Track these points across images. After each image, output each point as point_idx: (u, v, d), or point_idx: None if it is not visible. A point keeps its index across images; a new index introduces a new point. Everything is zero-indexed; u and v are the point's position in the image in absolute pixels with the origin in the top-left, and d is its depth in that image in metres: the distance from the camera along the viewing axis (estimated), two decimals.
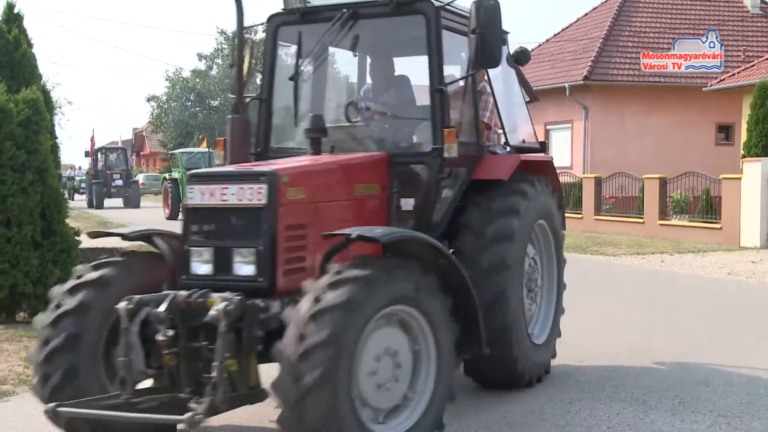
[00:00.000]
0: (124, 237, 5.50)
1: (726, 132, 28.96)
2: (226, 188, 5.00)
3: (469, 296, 5.25)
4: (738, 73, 24.46)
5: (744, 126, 21.29)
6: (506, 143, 6.90)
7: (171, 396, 4.80)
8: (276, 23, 6.49)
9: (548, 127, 30.37)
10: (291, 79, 6.50)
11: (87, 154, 45.69)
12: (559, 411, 6.06)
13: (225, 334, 4.50)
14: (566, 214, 7.24)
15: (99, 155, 42.37)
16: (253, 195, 4.92)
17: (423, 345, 4.89)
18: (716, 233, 19.75)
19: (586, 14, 33.45)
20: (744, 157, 20.14)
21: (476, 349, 5.39)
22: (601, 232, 22.68)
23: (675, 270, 15.19)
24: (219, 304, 4.54)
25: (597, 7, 33.16)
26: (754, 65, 24.47)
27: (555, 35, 33.73)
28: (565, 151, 29.51)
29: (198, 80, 61.56)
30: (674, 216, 21.76)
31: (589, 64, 28.36)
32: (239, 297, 4.60)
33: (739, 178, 19.36)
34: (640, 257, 17.11)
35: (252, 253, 4.86)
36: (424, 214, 5.92)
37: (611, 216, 23.38)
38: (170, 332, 4.69)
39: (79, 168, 60.92)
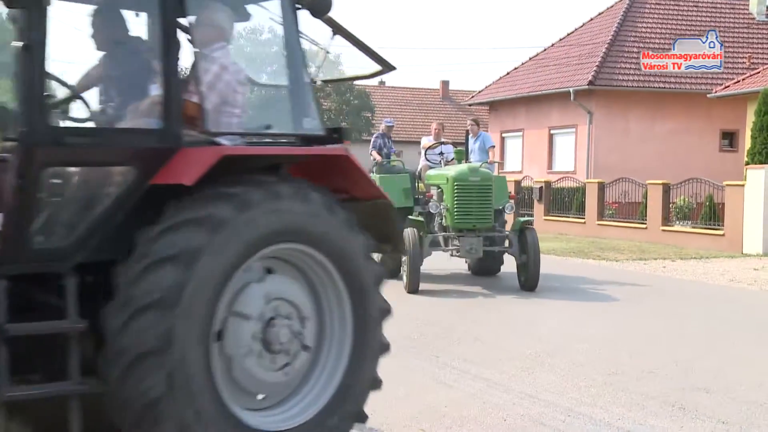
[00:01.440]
0: None
1: (730, 139, 28.98)
2: None
3: None
4: (743, 79, 24.47)
5: (748, 133, 21.31)
6: (205, 131, 4.47)
7: None
8: None
9: (552, 131, 30.45)
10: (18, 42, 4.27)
11: None
12: (559, 416, 6.07)
13: None
14: (569, 219, 6.42)
15: None
16: None
17: None
18: (719, 240, 19.75)
19: (591, 19, 33.47)
20: (747, 164, 20.17)
21: None
22: (603, 237, 22.67)
23: (677, 276, 15.18)
24: None
25: (602, 13, 33.18)
26: (759, 72, 24.48)
27: (560, 40, 33.75)
28: (568, 155, 29.57)
29: None
30: (677, 222, 21.74)
31: (594, 69, 28.38)
32: None
33: (743, 185, 19.36)
34: (643, 263, 17.10)
35: None
36: (8, 236, 3.97)
37: (614, 221, 23.37)
38: None
39: None
